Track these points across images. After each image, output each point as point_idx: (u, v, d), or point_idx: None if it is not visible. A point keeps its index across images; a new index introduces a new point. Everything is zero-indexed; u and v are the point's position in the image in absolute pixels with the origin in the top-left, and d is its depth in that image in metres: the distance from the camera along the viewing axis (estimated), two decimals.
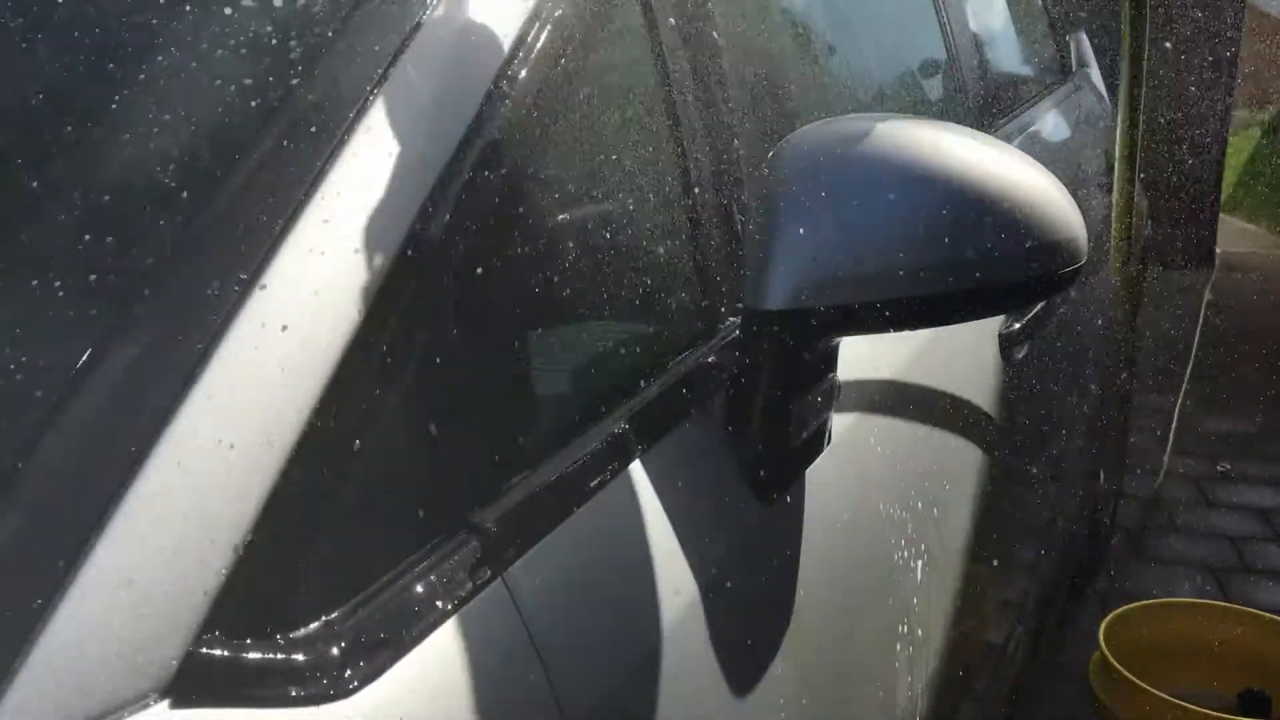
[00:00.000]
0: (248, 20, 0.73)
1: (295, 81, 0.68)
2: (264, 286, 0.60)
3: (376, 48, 0.70)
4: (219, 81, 0.69)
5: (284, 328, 0.60)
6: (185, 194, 0.63)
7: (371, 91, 0.68)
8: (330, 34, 0.71)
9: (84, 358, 0.56)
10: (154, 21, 0.73)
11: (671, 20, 0.96)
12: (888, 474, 1.17)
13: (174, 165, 0.65)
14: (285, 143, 0.65)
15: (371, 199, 0.66)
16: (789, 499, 0.96)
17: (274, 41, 0.71)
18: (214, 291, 0.59)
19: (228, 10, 0.74)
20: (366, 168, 0.66)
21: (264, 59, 0.70)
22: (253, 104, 0.67)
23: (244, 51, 0.71)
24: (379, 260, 0.65)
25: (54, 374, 0.56)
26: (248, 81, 0.69)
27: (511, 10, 0.79)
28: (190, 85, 0.70)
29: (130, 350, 0.57)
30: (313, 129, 0.66)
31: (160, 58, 0.71)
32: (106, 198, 0.64)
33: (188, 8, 0.73)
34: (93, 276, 0.60)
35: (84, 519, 0.52)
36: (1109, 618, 2.26)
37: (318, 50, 0.70)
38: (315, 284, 0.61)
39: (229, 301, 0.59)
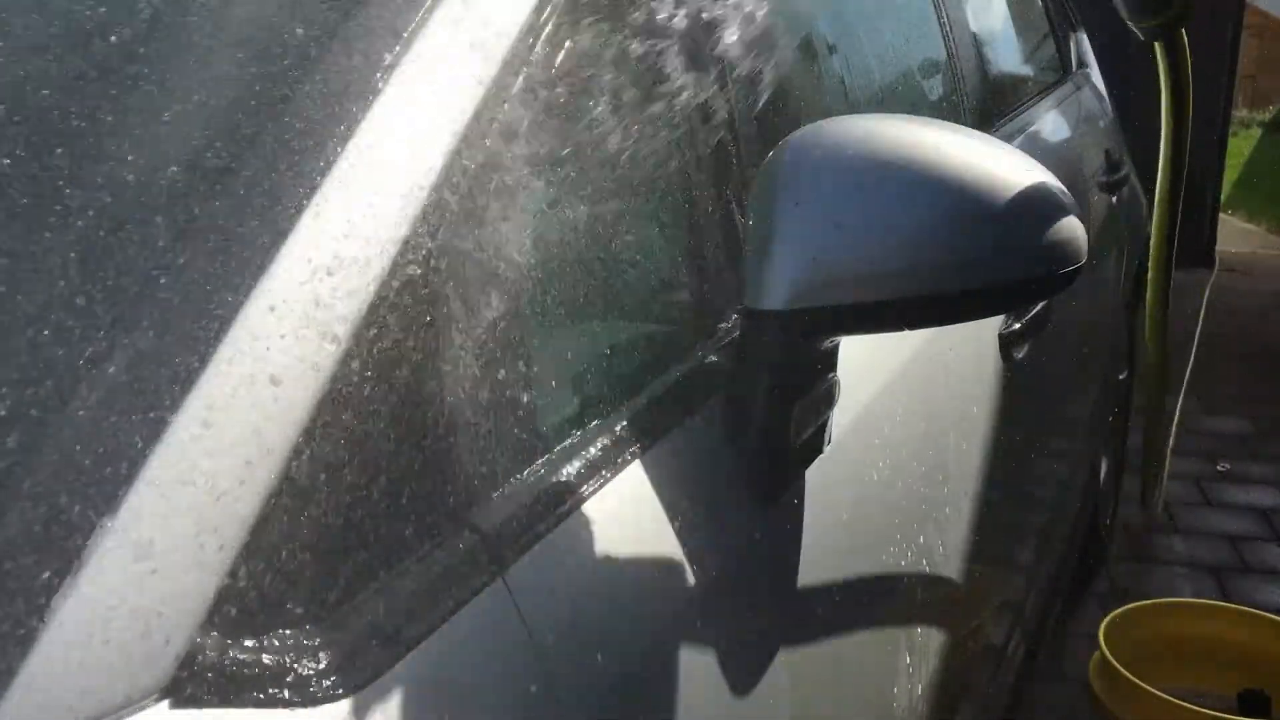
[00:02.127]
0: (246, 22, 0.73)
1: (295, 82, 0.68)
2: (264, 286, 0.60)
3: (378, 48, 0.70)
4: (217, 83, 0.69)
5: (283, 328, 0.60)
6: (185, 195, 0.63)
7: (372, 92, 0.68)
8: (332, 34, 0.71)
9: (84, 358, 0.56)
10: (148, 21, 0.73)
11: (672, 20, 0.96)
12: (888, 474, 1.17)
13: (173, 166, 0.65)
14: (286, 143, 0.65)
15: (370, 199, 0.66)
16: (789, 499, 0.96)
17: (275, 42, 0.71)
18: (214, 292, 0.59)
19: (226, 11, 0.74)
20: (365, 169, 0.66)
21: (264, 59, 0.70)
22: (251, 105, 0.67)
23: (243, 53, 0.71)
24: (379, 259, 0.65)
25: (54, 374, 0.56)
26: (246, 83, 0.69)
27: (511, 10, 0.79)
28: (188, 85, 0.70)
29: (131, 350, 0.57)
30: (312, 129, 0.66)
31: (156, 58, 0.71)
32: (104, 199, 0.64)
33: (183, 7, 0.73)
34: (95, 276, 0.60)
35: (84, 519, 0.52)
36: (1109, 618, 2.26)
37: (320, 50, 0.70)
38: (316, 284, 0.61)
39: (229, 301, 0.59)
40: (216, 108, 0.68)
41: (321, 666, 0.57)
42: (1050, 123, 2.26)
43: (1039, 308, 1.70)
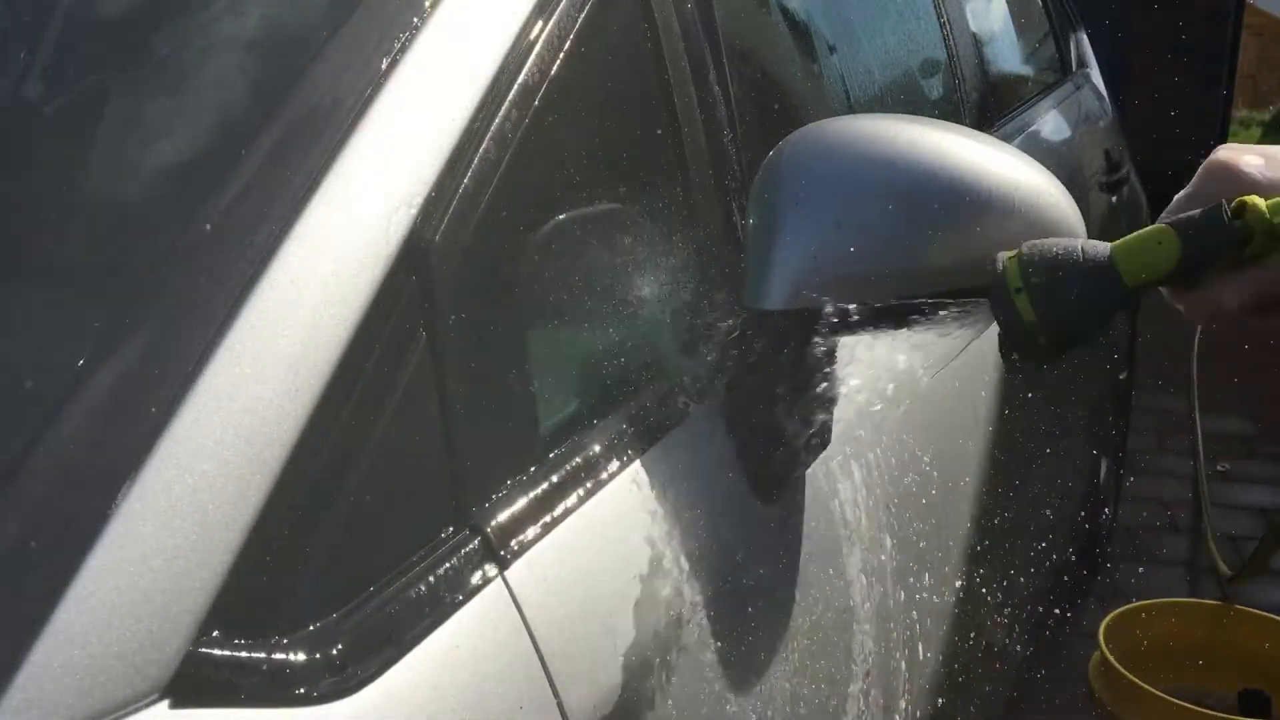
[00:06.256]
0: (245, 20, 0.73)
1: (295, 82, 0.68)
2: (264, 288, 0.60)
3: (378, 46, 0.70)
4: (217, 82, 0.69)
5: (284, 328, 0.60)
6: (185, 194, 0.63)
7: (372, 92, 0.68)
8: (332, 33, 0.71)
9: (84, 358, 0.56)
10: (149, 20, 0.73)
11: (672, 20, 0.96)
12: (888, 473, 1.17)
13: (174, 165, 0.65)
14: (285, 143, 0.65)
15: (370, 201, 0.66)
16: (789, 499, 0.96)
17: (274, 41, 0.71)
18: (214, 292, 0.59)
19: (226, 10, 0.74)
20: (364, 170, 0.66)
21: (263, 58, 0.70)
22: (251, 105, 0.67)
23: (242, 51, 0.71)
24: (379, 261, 0.65)
25: (54, 374, 0.56)
26: (246, 82, 0.69)
27: (511, 10, 0.79)
28: (189, 85, 0.70)
29: (130, 350, 0.57)
30: (311, 130, 0.66)
31: (157, 58, 0.71)
32: (106, 197, 0.64)
33: (185, 6, 0.74)
34: (94, 276, 0.60)
35: (84, 519, 0.52)
36: (1109, 618, 2.26)
37: (319, 49, 0.70)
38: (314, 285, 0.61)
39: (229, 302, 0.59)
40: (215, 106, 0.68)
41: (321, 666, 0.57)
42: (1050, 123, 2.26)
43: None
